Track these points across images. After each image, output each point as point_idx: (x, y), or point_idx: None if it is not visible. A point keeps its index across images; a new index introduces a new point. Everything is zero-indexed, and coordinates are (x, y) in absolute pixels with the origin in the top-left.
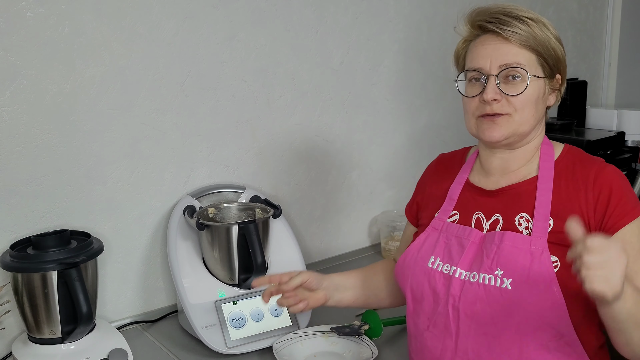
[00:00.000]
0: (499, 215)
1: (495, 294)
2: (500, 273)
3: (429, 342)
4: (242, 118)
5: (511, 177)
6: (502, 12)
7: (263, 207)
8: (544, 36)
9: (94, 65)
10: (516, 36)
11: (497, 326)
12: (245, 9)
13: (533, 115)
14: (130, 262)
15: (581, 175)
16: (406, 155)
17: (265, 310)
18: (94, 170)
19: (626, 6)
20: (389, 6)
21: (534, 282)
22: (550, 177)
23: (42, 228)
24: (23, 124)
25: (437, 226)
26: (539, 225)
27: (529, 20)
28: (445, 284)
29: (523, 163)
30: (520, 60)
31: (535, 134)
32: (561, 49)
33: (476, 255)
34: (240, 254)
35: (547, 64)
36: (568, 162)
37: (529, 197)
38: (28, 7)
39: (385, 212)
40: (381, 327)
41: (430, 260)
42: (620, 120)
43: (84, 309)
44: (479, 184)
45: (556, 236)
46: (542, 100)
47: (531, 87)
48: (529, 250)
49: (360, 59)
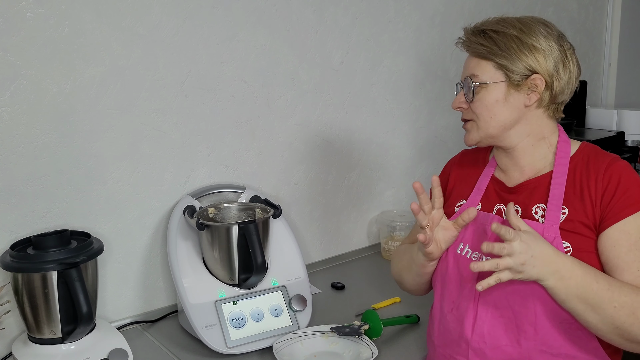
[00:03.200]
0: (518, 207)
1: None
2: None
3: (451, 325)
4: (242, 118)
5: (526, 173)
6: (472, 29)
7: (263, 207)
8: (505, 46)
9: (94, 65)
10: (475, 50)
11: (513, 309)
12: (245, 9)
13: (495, 117)
14: (130, 262)
15: (594, 166)
16: (406, 155)
17: (265, 310)
18: (94, 170)
19: (626, 6)
20: (389, 6)
21: None
22: (564, 172)
23: (42, 228)
24: (23, 124)
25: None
26: (551, 214)
27: (492, 33)
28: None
29: (536, 156)
30: (475, 71)
31: (523, 130)
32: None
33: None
34: (240, 254)
35: (509, 70)
36: (583, 157)
37: (544, 190)
38: (28, 7)
39: (385, 212)
40: (381, 327)
41: (460, 246)
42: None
43: (84, 309)
44: (501, 179)
45: (569, 224)
46: (504, 102)
47: (486, 92)
48: (542, 236)
49: (360, 59)
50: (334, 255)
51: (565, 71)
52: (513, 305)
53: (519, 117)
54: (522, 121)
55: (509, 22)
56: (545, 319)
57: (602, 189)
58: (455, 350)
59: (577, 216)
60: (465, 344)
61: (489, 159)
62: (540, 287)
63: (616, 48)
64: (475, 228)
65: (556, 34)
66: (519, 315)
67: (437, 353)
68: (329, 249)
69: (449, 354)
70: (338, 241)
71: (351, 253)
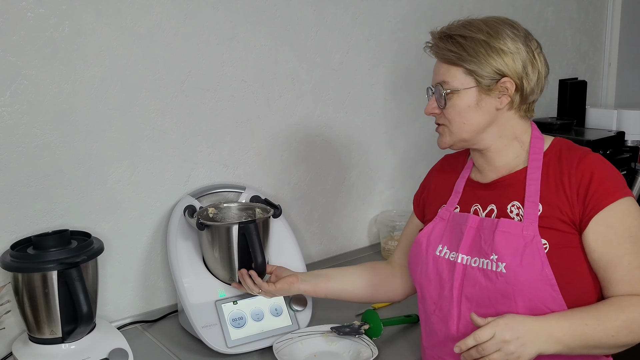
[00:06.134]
0: (493, 205)
1: (492, 278)
2: (495, 257)
3: (436, 326)
4: (242, 118)
5: (501, 171)
6: (439, 34)
7: (263, 207)
8: (474, 51)
9: (94, 65)
10: (444, 56)
11: (496, 308)
12: (245, 9)
13: (467, 123)
14: (130, 262)
15: (566, 161)
16: (406, 155)
17: (265, 310)
18: (94, 170)
19: (626, 6)
20: (388, 6)
21: (527, 265)
22: (538, 168)
23: (43, 228)
24: (23, 124)
25: (444, 216)
26: (529, 212)
27: (459, 39)
28: (450, 270)
29: (510, 156)
30: (445, 77)
31: (496, 132)
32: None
33: (474, 240)
34: (240, 254)
35: (479, 75)
36: (556, 152)
37: (519, 186)
38: (28, 7)
39: (385, 212)
40: (381, 327)
41: (438, 248)
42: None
43: (85, 308)
44: (476, 179)
45: (545, 220)
46: (476, 107)
47: (457, 99)
48: (521, 235)
49: (360, 59)
50: (334, 255)
51: (534, 71)
52: (495, 303)
53: (491, 120)
54: (495, 124)
55: (475, 25)
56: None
57: (577, 184)
58: (443, 351)
59: (552, 212)
60: (452, 344)
61: (467, 161)
62: (521, 286)
63: (616, 48)
64: (452, 229)
65: (523, 34)
66: (501, 313)
67: (427, 355)
68: (329, 249)
69: (438, 355)
70: (338, 241)
71: (351, 253)
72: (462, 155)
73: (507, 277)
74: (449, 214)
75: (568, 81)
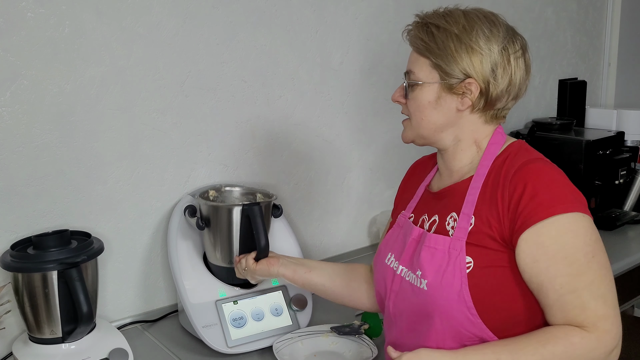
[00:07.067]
0: (436, 216)
1: (417, 293)
2: (420, 273)
3: (386, 330)
4: (242, 118)
5: (454, 177)
6: (420, 18)
7: (265, 192)
8: (443, 45)
9: (94, 65)
10: (415, 44)
11: (421, 324)
12: (245, 9)
13: (425, 119)
14: (130, 262)
15: (505, 170)
16: (406, 155)
17: (265, 309)
18: (94, 170)
19: (626, 6)
20: (389, 6)
21: (446, 284)
22: (483, 175)
23: (43, 228)
24: (23, 124)
25: (400, 223)
26: (460, 226)
27: (433, 28)
28: (391, 280)
29: (465, 162)
30: (413, 67)
31: (455, 134)
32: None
33: (413, 253)
34: (242, 237)
35: (443, 71)
36: (502, 159)
37: (461, 196)
38: (28, 7)
39: (385, 212)
40: (381, 327)
41: (387, 256)
42: (619, 120)
43: (85, 308)
44: (431, 187)
45: (474, 236)
46: (436, 104)
47: (420, 92)
48: (447, 251)
49: (360, 59)
50: (334, 255)
51: (504, 76)
52: (420, 320)
53: (450, 120)
54: (454, 125)
55: (454, 17)
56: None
57: (509, 196)
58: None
59: (482, 227)
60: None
61: (435, 166)
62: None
63: (616, 48)
64: (402, 238)
65: (502, 34)
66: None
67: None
68: (329, 249)
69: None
70: (338, 241)
71: (351, 253)
72: (433, 159)
73: (427, 294)
74: (404, 220)
75: (568, 81)
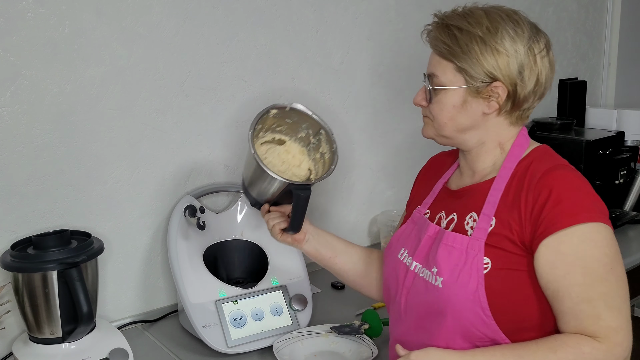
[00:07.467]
0: (454, 215)
1: (431, 291)
2: (435, 271)
3: (392, 328)
4: (242, 118)
5: (475, 177)
6: (440, 19)
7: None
8: (467, 48)
9: (94, 65)
10: (437, 48)
11: (432, 321)
12: (245, 9)
13: (450, 122)
14: (130, 262)
15: (530, 174)
16: (406, 155)
17: (265, 309)
18: (94, 170)
19: (626, 6)
20: (389, 6)
21: (462, 283)
22: (506, 177)
23: (43, 228)
24: (24, 124)
25: (415, 218)
26: (481, 226)
27: (456, 31)
28: (404, 275)
29: (488, 163)
30: (436, 70)
31: (480, 136)
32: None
33: (428, 249)
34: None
35: (469, 74)
36: (527, 162)
37: (482, 197)
38: (28, 7)
39: (385, 212)
40: (381, 327)
41: (400, 251)
42: (619, 120)
43: (85, 308)
44: (449, 185)
45: (494, 238)
46: (462, 109)
47: (444, 96)
48: (464, 250)
49: (360, 59)
50: None
51: (531, 77)
52: (431, 317)
53: (475, 123)
54: (479, 128)
55: (476, 17)
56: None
57: (532, 202)
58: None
59: (502, 229)
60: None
61: (454, 164)
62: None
63: (616, 48)
64: (416, 234)
65: (527, 34)
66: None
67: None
68: None
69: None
70: None
71: None
72: (452, 156)
73: (441, 292)
74: (419, 216)
75: (568, 81)
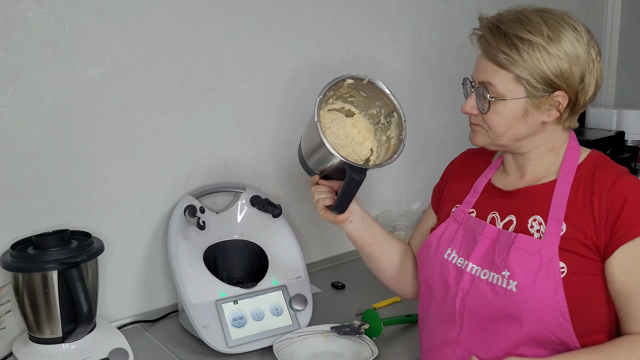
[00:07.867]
0: (512, 217)
1: (500, 294)
2: (507, 274)
3: (436, 330)
4: (242, 118)
5: (528, 180)
6: (491, 25)
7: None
8: (529, 58)
9: (94, 65)
10: (495, 57)
11: (499, 325)
12: (245, 9)
13: (509, 131)
14: (130, 262)
15: (599, 181)
16: (406, 155)
17: (265, 309)
18: (94, 170)
19: (626, 6)
20: (389, 6)
21: (539, 287)
22: (568, 182)
23: (43, 228)
24: (24, 124)
25: (458, 218)
26: (551, 230)
27: (516, 40)
28: (457, 277)
29: (540, 166)
30: (492, 79)
31: (536, 142)
32: (562, 67)
33: (488, 251)
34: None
35: (530, 85)
36: (589, 168)
37: (544, 200)
38: (28, 7)
39: (385, 212)
40: (381, 327)
41: (447, 251)
42: (619, 120)
43: (85, 308)
44: (498, 185)
45: (567, 242)
46: (522, 119)
47: (503, 106)
48: (538, 255)
49: (360, 59)
50: (334, 254)
51: (591, 84)
52: (498, 321)
53: (534, 131)
54: (537, 135)
55: (534, 24)
56: (530, 341)
57: (607, 208)
58: (440, 356)
59: (575, 234)
60: (449, 350)
61: (492, 162)
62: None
63: (616, 48)
64: (465, 234)
65: (585, 41)
66: (502, 331)
67: (425, 357)
68: (330, 248)
69: (435, 358)
70: (338, 241)
71: (351, 253)
72: (485, 154)
73: (516, 296)
74: (463, 215)
75: None
